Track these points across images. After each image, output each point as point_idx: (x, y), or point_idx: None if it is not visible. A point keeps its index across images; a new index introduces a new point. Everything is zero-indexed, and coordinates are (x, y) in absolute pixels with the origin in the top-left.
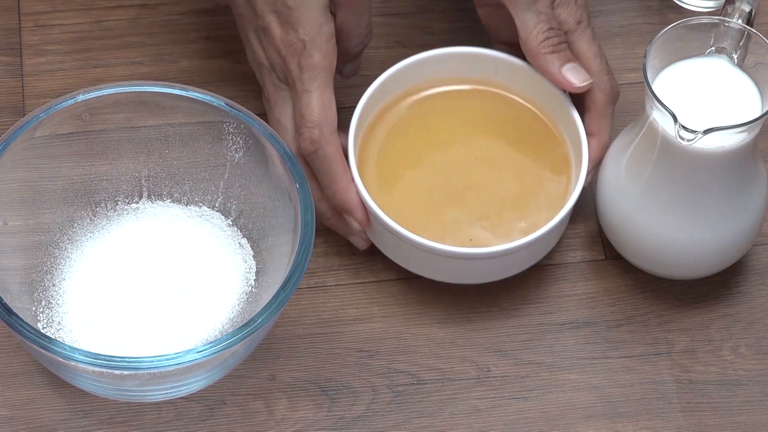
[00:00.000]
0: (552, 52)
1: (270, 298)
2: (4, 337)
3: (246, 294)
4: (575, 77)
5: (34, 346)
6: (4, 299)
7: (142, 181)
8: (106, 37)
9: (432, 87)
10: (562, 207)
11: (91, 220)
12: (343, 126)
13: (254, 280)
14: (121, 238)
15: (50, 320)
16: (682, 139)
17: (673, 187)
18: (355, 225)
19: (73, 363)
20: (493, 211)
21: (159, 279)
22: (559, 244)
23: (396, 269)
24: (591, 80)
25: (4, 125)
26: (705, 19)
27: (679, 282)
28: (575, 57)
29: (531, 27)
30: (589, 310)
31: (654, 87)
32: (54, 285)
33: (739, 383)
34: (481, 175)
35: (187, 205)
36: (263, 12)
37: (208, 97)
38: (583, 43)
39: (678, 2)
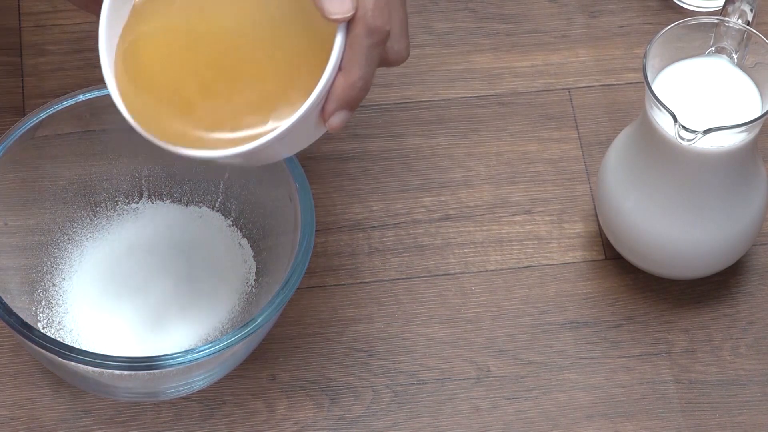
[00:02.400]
0: None
1: (270, 298)
2: (4, 337)
3: (246, 294)
4: (331, 5)
5: (34, 346)
6: (4, 299)
7: (142, 181)
8: None
9: None
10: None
11: (91, 220)
12: None
13: (254, 280)
14: (121, 238)
15: (50, 320)
16: (682, 139)
17: (672, 187)
18: None
19: (73, 363)
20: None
21: (159, 279)
22: (559, 244)
23: (396, 269)
24: (350, 13)
25: (4, 125)
26: (705, 19)
27: (679, 282)
28: None
29: None
30: (589, 310)
31: (654, 87)
32: (54, 285)
33: (739, 383)
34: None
35: (187, 205)
36: None
37: None
38: None
39: (678, 2)
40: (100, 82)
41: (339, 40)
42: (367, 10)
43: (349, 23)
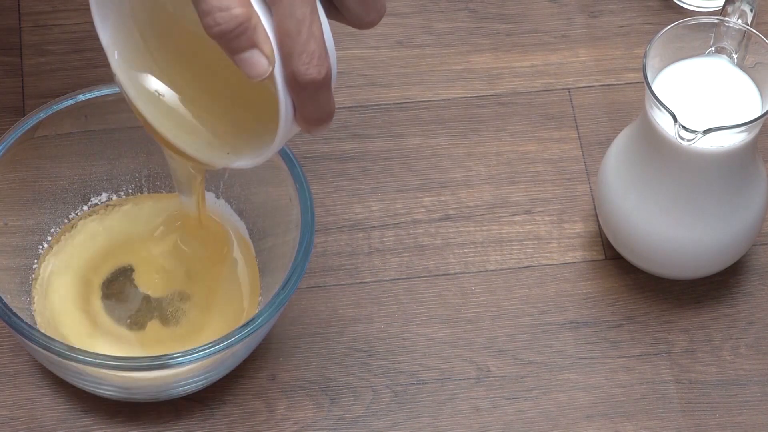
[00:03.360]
0: (223, 39)
1: (270, 298)
2: (4, 337)
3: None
4: (248, 69)
5: (34, 346)
6: (4, 299)
7: (143, 181)
8: None
9: None
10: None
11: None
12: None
13: None
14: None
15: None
16: (682, 139)
17: (672, 187)
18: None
19: (73, 363)
20: None
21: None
22: (559, 244)
23: (396, 269)
24: (267, 71)
25: (4, 125)
26: (705, 19)
27: (679, 282)
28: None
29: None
30: (589, 310)
31: (654, 87)
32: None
33: (739, 383)
34: None
35: None
36: None
37: None
38: (279, 17)
39: (678, 2)
40: (100, 82)
41: (279, 91)
42: (296, 66)
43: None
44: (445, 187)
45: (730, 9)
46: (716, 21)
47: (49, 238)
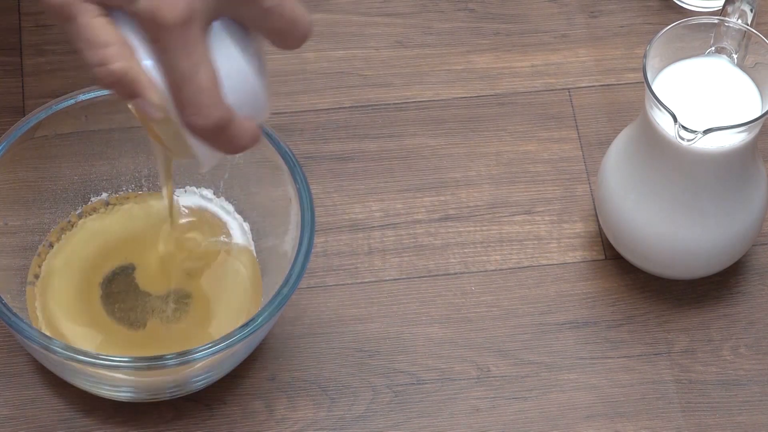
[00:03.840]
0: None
1: (270, 298)
2: (4, 337)
3: None
4: (142, 113)
5: (34, 346)
6: (4, 299)
7: (142, 181)
8: None
9: None
10: None
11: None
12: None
13: None
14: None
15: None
16: (682, 139)
17: (672, 187)
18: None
19: (73, 363)
20: None
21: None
22: (559, 244)
23: (396, 269)
24: (158, 116)
25: (4, 125)
26: (705, 19)
27: (679, 282)
28: None
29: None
30: (589, 310)
31: (654, 87)
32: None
33: (739, 383)
34: None
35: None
36: None
37: None
38: (163, 69)
39: (678, 2)
40: None
41: (180, 128)
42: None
43: None
44: (445, 187)
45: (730, 9)
46: (716, 21)
47: (50, 237)
